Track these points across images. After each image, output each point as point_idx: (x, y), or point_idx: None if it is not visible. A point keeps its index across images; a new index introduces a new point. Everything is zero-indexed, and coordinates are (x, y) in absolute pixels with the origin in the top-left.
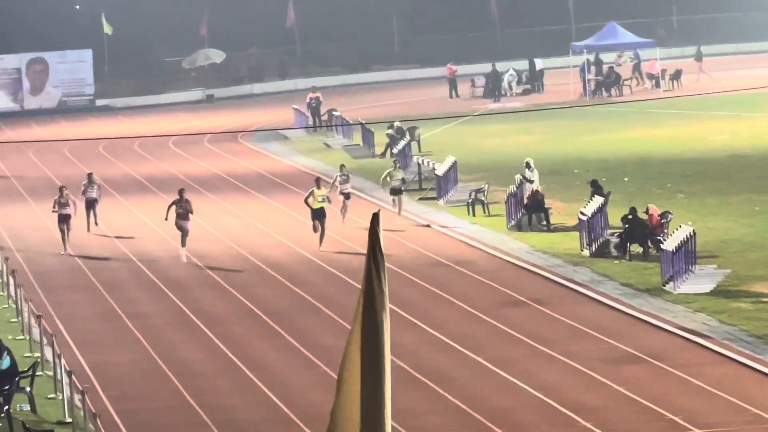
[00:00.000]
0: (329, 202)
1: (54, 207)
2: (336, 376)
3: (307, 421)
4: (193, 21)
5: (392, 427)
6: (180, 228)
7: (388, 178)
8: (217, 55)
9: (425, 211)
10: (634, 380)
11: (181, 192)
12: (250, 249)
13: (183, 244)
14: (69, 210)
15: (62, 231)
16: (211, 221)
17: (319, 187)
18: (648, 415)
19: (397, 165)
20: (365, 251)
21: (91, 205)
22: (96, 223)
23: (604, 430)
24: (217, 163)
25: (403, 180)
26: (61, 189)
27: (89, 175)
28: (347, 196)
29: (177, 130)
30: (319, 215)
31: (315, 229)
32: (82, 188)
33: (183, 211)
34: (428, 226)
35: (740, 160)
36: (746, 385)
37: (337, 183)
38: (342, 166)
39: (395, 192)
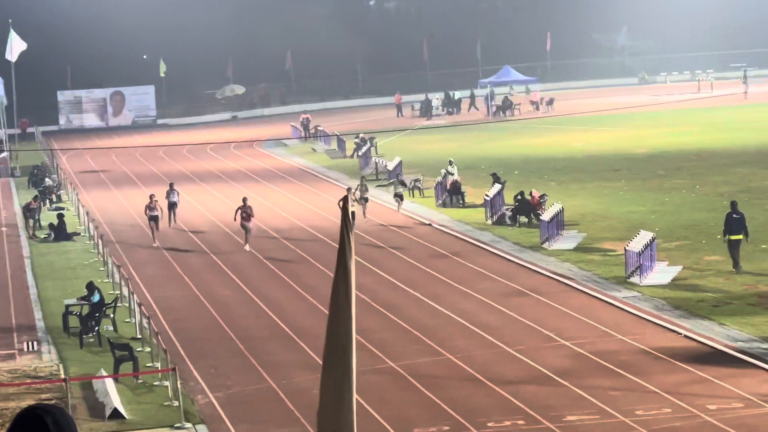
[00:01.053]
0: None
1: (146, 211)
2: (319, 305)
3: (299, 335)
4: (222, 65)
5: (356, 340)
6: (244, 228)
7: (392, 188)
8: (239, 89)
9: (378, 195)
10: (521, 308)
11: (244, 199)
12: (261, 220)
13: (247, 240)
14: (156, 212)
15: (151, 228)
16: (235, 202)
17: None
18: (531, 332)
19: (398, 177)
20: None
21: (172, 207)
22: (175, 221)
23: (501, 341)
24: (239, 162)
25: (403, 183)
26: (150, 197)
27: (171, 184)
28: (366, 200)
29: (212, 139)
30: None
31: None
32: (166, 194)
33: (246, 214)
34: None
35: (592, 158)
36: (597, 310)
37: (357, 191)
38: (362, 178)
39: (398, 197)
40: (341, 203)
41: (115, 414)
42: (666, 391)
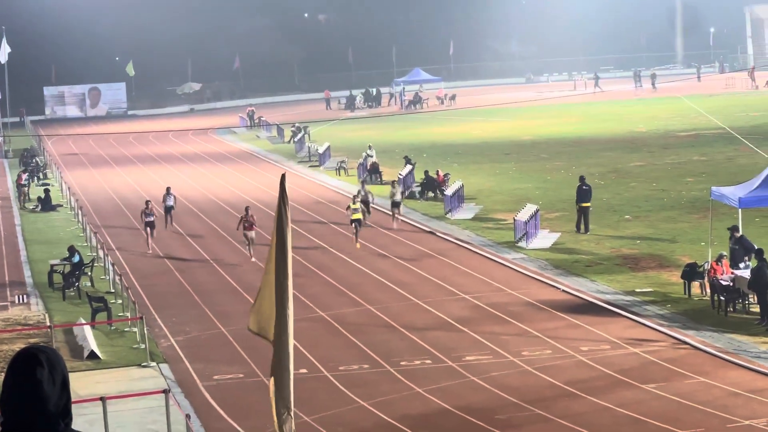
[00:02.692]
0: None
1: (141, 216)
2: (262, 264)
3: (245, 290)
4: (182, 66)
5: (292, 293)
6: (246, 237)
7: (389, 195)
8: (196, 85)
9: (311, 173)
10: (429, 267)
11: (246, 209)
12: (215, 195)
13: (250, 250)
14: (153, 218)
15: (146, 233)
16: (194, 180)
17: (354, 202)
18: (436, 287)
19: (395, 183)
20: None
21: (168, 210)
22: (171, 223)
23: (412, 295)
24: (196, 146)
25: (402, 194)
26: (147, 202)
27: (168, 188)
28: (367, 203)
29: (174, 128)
30: (356, 222)
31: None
32: (162, 198)
33: (248, 223)
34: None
35: (487, 144)
36: (491, 270)
37: (359, 197)
38: (363, 182)
39: (395, 205)
40: (280, 181)
41: (92, 355)
42: (547, 335)
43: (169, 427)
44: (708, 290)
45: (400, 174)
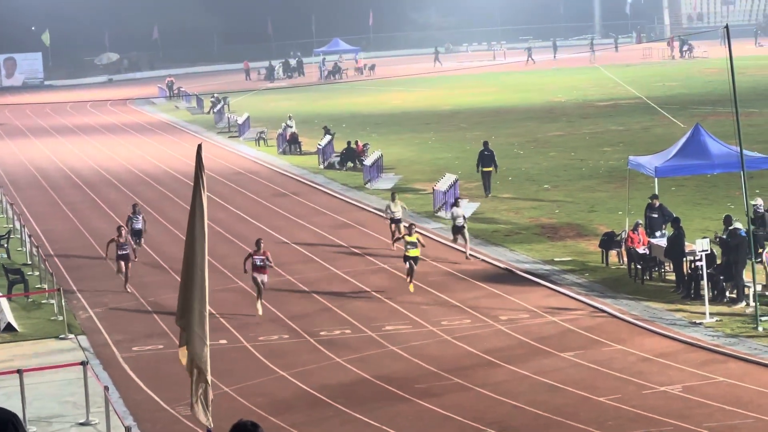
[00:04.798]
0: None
1: (110, 245)
2: (180, 235)
3: (164, 260)
4: (100, 36)
5: (210, 263)
6: (255, 282)
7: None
8: (114, 56)
9: (231, 144)
10: (349, 237)
11: (258, 242)
12: (135, 165)
13: (259, 298)
14: (127, 250)
15: (120, 267)
16: (111, 150)
17: (411, 234)
18: (356, 257)
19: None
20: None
21: (137, 235)
22: (140, 244)
23: (332, 265)
24: (114, 117)
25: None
26: (119, 228)
27: (134, 206)
28: (398, 221)
29: (92, 98)
30: (412, 260)
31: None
32: (127, 219)
33: (261, 263)
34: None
35: (406, 114)
36: None
37: (389, 209)
38: (393, 193)
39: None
40: (196, 151)
41: (9, 327)
42: (466, 305)
43: (87, 399)
44: (625, 259)
45: (319, 144)
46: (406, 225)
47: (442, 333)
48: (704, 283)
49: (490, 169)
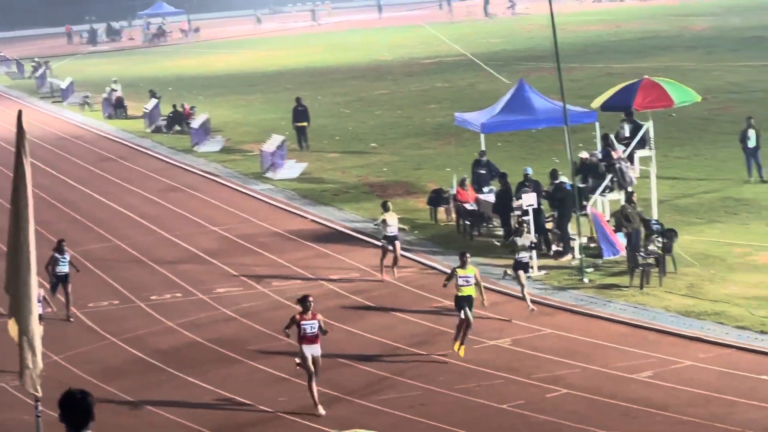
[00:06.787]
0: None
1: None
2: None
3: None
4: None
5: (37, 231)
6: (305, 363)
7: (381, 225)
8: None
9: (54, 109)
10: (177, 201)
11: (305, 301)
12: None
13: (311, 380)
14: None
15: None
16: None
17: (464, 267)
18: (185, 220)
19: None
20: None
21: (61, 281)
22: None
23: (161, 229)
24: None
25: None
26: (60, 242)
27: (60, 241)
28: (393, 240)
29: None
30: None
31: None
32: (49, 261)
33: (313, 333)
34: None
35: (232, 76)
36: (239, 201)
37: (382, 221)
38: (385, 202)
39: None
40: (17, 118)
41: None
42: (297, 265)
43: None
44: (453, 215)
45: (145, 108)
46: (463, 256)
47: (272, 294)
48: (529, 236)
49: (304, 124)
